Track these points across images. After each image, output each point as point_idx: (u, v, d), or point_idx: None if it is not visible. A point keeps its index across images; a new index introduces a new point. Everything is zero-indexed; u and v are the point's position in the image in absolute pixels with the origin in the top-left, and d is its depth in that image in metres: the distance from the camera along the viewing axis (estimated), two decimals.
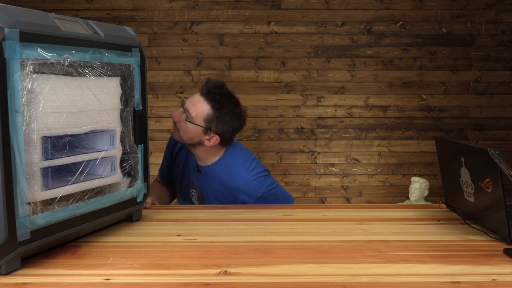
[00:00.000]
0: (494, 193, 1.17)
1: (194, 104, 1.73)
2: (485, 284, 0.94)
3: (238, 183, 1.75)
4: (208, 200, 1.82)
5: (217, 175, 1.78)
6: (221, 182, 1.77)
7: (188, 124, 1.72)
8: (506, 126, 3.84)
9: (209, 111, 1.70)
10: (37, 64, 1.00)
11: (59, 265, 1.05)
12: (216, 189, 1.79)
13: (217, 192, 1.79)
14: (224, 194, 1.78)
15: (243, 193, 1.74)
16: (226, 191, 1.77)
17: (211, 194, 1.80)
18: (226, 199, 1.77)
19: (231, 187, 1.76)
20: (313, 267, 1.02)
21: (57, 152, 1.09)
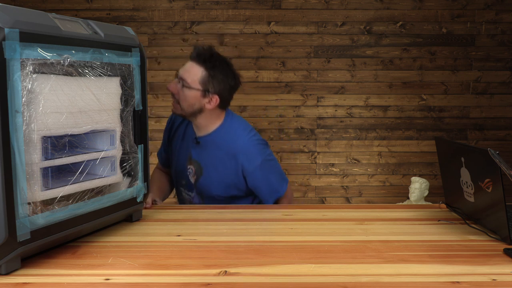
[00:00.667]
0: (494, 193, 1.17)
1: (187, 70, 1.75)
2: (485, 284, 0.94)
3: (239, 145, 1.77)
4: (207, 173, 1.81)
5: (218, 140, 1.80)
6: (222, 147, 1.79)
7: (186, 91, 1.73)
8: (506, 126, 3.84)
9: (203, 72, 1.72)
10: (37, 64, 1.00)
11: (59, 265, 1.05)
12: (216, 157, 1.79)
13: (217, 160, 1.79)
14: (224, 162, 1.78)
15: (244, 156, 1.75)
16: (227, 157, 1.78)
17: (210, 164, 1.80)
18: (226, 167, 1.78)
19: (232, 150, 1.77)
20: (313, 267, 1.02)
21: (57, 152, 1.09)
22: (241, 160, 1.76)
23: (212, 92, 1.74)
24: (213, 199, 1.83)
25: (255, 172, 1.76)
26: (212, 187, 1.81)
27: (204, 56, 1.74)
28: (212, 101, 1.75)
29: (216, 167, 1.80)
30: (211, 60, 1.74)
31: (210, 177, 1.80)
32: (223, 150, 1.79)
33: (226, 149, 1.78)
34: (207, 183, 1.81)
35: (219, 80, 1.74)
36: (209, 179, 1.81)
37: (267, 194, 1.80)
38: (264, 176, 1.78)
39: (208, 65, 1.73)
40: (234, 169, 1.78)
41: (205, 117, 1.79)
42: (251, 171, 1.76)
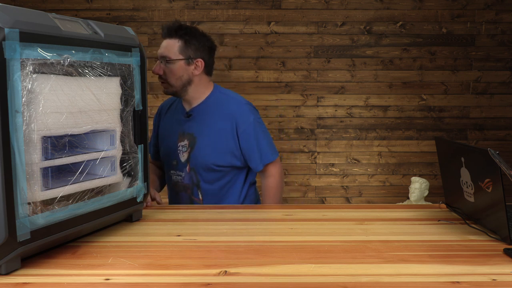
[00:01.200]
0: (494, 193, 1.17)
1: (164, 47, 1.82)
2: (485, 284, 0.94)
3: (233, 104, 1.86)
4: (201, 141, 1.83)
5: (211, 105, 1.86)
6: (216, 110, 1.85)
7: (170, 66, 1.80)
8: (506, 126, 3.84)
9: (179, 42, 1.80)
10: (37, 64, 1.00)
11: (59, 265, 1.05)
12: (210, 121, 1.84)
13: (211, 125, 1.83)
14: (218, 125, 1.83)
15: (238, 115, 1.83)
16: (221, 118, 1.83)
17: (204, 131, 1.84)
18: (220, 130, 1.82)
19: (226, 110, 1.84)
20: (313, 267, 1.02)
21: (57, 152, 1.09)
22: (235, 118, 1.82)
23: (194, 57, 1.81)
24: (207, 171, 1.84)
25: (248, 130, 1.82)
26: (207, 156, 1.83)
27: (174, 28, 1.82)
28: (198, 66, 1.82)
29: (211, 132, 1.84)
30: (181, 29, 1.82)
31: (205, 145, 1.83)
32: (217, 112, 1.84)
33: (220, 111, 1.84)
34: (201, 152, 1.83)
35: (196, 44, 1.82)
36: (203, 147, 1.83)
37: (257, 158, 1.84)
38: (255, 136, 1.83)
39: (180, 34, 1.81)
40: (229, 129, 1.82)
41: (195, 87, 1.85)
42: (244, 129, 1.82)
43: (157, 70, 1.83)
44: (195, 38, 1.82)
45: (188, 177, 1.87)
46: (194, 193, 1.87)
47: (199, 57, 1.82)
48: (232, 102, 1.87)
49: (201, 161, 1.83)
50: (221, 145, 1.82)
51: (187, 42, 1.80)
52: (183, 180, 1.89)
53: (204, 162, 1.83)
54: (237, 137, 1.83)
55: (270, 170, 1.88)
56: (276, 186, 1.88)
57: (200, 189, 1.86)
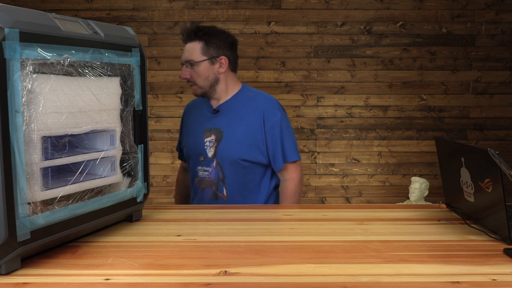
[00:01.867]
0: (494, 193, 1.17)
1: (187, 51, 1.86)
2: (485, 284, 0.94)
3: (262, 99, 1.91)
4: (228, 135, 1.85)
5: (240, 99, 1.91)
6: (244, 104, 1.88)
7: (195, 68, 1.85)
8: (506, 126, 3.84)
9: (199, 44, 1.84)
10: (37, 64, 1.00)
11: (59, 265, 1.05)
12: (238, 115, 1.87)
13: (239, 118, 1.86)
14: (246, 118, 1.86)
15: (267, 110, 1.86)
16: (249, 112, 1.86)
17: (232, 125, 1.86)
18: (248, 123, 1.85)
19: (255, 104, 1.89)
20: (313, 267, 1.02)
21: (57, 152, 1.09)
22: (263, 113, 1.85)
23: (217, 55, 1.85)
24: (234, 165, 1.85)
25: (275, 126, 1.85)
26: (234, 149, 1.84)
27: (193, 31, 1.85)
28: (222, 63, 1.86)
29: (238, 126, 1.86)
30: (200, 30, 1.85)
31: (232, 138, 1.85)
32: (245, 107, 1.88)
33: (248, 105, 1.88)
34: (228, 145, 1.85)
35: (216, 43, 1.85)
36: (230, 140, 1.85)
37: (280, 155, 1.85)
38: (281, 133, 1.86)
39: (199, 36, 1.84)
40: (256, 124, 1.85)
41: (223, 85, 1.89)
42: (271, 125, 1.85)
43: (184, 75, 1.87)
44: (214, 37, 1.85)
45: (214, 172, 1.88)
46: (219, 189, 1.88)
47: (222, 55, 1.86)
48: (261, 98, 1.92)
49: (227, 154, 1.85)
50: (248, 139, 1.84)
51: (208, 42, 1.84)
52: (210, 175, 1.89)
53: (231, 155, 1.84)
54: (264, 132, 1.85)
55: (290, 172, 1.88)
56: (294, 190, 1.88)
57: (225, 185, 1.86)
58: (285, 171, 1.88)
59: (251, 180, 1.88)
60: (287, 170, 1.88)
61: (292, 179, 1.88)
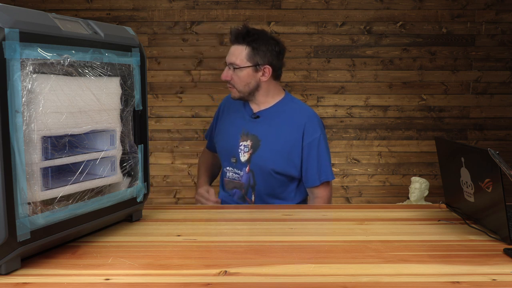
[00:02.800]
0: (494, 193, 1.17)
1: (232, 54, 1.83)
2: (485, 284, 0.94)
3: (304, 115, 1.86)
4: (265, 144, 1.83)
5: (281, 110, 1.87)
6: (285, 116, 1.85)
7: (238, 72, 1.81)
8: (506, 126, 3.84)
9: (247, 49, 1.80)
10: (37, 64, 1.00)
11: (59, 265, 1.05)
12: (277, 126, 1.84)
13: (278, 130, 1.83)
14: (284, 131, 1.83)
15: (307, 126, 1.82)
16: (289, 125, 1.83)
17: (269, 135, 1.83)
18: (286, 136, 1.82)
19: (296, 118, 1.85)
20: (313, 267, 1.02)
21: (57, 152, 1.09)
22: (303, 129, 1.82)
23: (262, 64, 1.82)
24: (266, 175, 1.83)
25: (313, 143, 1.82)
26: (268, 159, 1.82)
27: (242, 34, 1.81)
28: (266, 72, 1.83)
29: (275, 137, 1.83)
30: (249, 35, 1.81)
31: (268, 149, 1.83)
32: (285, 119, 1.84)
33: (289, 119, 1.84)
34: (264, 155, 1.82)
35: (264, 50, 1.81)
36: (266, 150, 1.83)
37: (315, 173, 1.82)
38: (319, 151, 1.82)
39: (248, 41, 1.80)
40: (295, 139, 1.82)
41: (264, 92, 1.87)
42: (309, 141, 1.81)
43: (225, 77, 1.84)
44: (263, 44, 1.81)
45: (246, 177, 1.86)
46: (248, 194, 1.87)
47: (267, 64, 1.82)
48: (303, 113, 1.87)
49: (261, 164, 1.82)
50: (284, 152, 1.81)
51: (255, 49, 1.80)
52: (240, 179, 1.87)
53: (265, 165, 1.82)
54: (301, 148, 1.82)
55: (321, 191, 1.85)
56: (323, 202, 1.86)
57: (254, 191, 1.85)
58: (316, 189, 1.85)
59: (281, 192, 1.86)
60: (318, 188, 1.85)
61: (322, 198, 1.86)
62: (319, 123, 1.87)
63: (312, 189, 1.86)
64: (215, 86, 3.74)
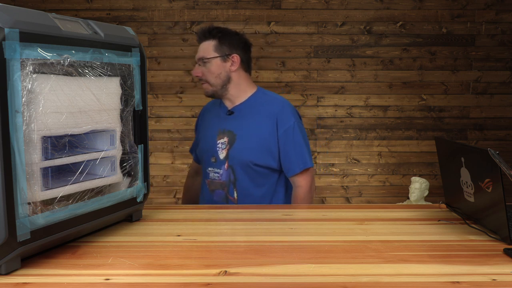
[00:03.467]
0: (494, 193, 1.17)
1: (200, 50, 1.88)
2: (485, 284, 0.94)
3: (276, 105, 1.89)
4: (241, 138, 1.85)
5: (254, 103, 1.91)
6: (259, 108, 1.88)
7: (208, 66, 1.86)
8: (506, 126, 3.84)
9: (213, 42, 1.86)
10: (37, 64, 1.00)
11: (59, 265, 1.05)
12: (252, 119, 1.86)
13: (253, 123, 1.86)
14: (259, 123, 1.85)
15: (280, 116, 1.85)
16: (263, 117, 1.86)
17: (245, 129, 1.86)
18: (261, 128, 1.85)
19: (269, 109, 1.87)
20: (313, 267, 1.02)
21: (57, 152, 1.09)
22: (277, 118, 1.84)
23: (229, 53, 1.85)
24: (245, 168, 1.84)
25: (289, 131, 1.83)
26: (245, 152, 1.84)
27: (206, 31, 1.87)
28: (234, 61, 1.86)
29: (251, 130, 1.85)
30: (213, 30, 1.87)
31: (244, 141, 1.85)
32: (259, 111, 1.87)
33: (262, 110, 1.87)
34: (240, 147, 1.85)
35: (230, 41, 1.86)
36: (242, 143, 1.85)
37: (294, 161, 1.84)
38: (295, 139, 1.84)
39: (213, 34, 1.86)
40: (270, 129, 1.84)
41: (235, 85, 1.89)
42: (284, 130, 1.83)
43: (195, 73, 1.88)
44: (228, 36, 1.87)
45: (226, 174, 1.87)
46: (230, 192, 1.87)
47: (234, 53, 1.86)
48: (276, 103, 1.90)
49: (239, 158, 1.84)
50: (260, 143, 1.84)
51: (221, 39, 1.85)
52: (220, 178, 1.89)
53: (242, 158, 1.84)
54: (276, 138, 1.84)
55: (301, 180, 1.86)
56: (303, 197, 1.85)
57: (236, 188, 1.86)
58: (296, 178, 1.86)
59: (263, 185, 1.87)
60: (299, 177, 1.85)
61: (304, 186, 1.85)
62: (293, 111, 1.89)
63: (293, 179, 1.87)
64: None
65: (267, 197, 1.88)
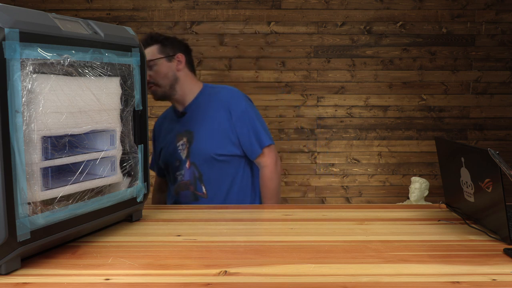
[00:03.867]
0: (494, 193, 1.17)
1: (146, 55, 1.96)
2: (485, 284, 0.94)
3: (226, 93, 1.94)
4: (198, 134, 1.88)
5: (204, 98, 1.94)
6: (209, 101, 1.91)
7: (154, 68, 1.89)
8: (506, 126, 3.84)
9: (156, 46, 1.92)
10: (37, 64, 1.00)
11: (59, 265, 1.05)
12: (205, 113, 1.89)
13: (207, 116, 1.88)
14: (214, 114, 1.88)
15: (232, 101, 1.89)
16: (214, 109, 1.88)
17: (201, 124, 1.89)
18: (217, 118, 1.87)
19: (220, 98, 1.90)
20: (313, 267, 1.02)
21: (57, 152, 1.09)
22: (228, 105, 1.88)
23: (173, 53, 1.90)
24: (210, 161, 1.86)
25: (243, 115, 1.87)
26: (206, 146, 1.86)
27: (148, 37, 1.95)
28: (180, 60, 1.91)
29: (207, 123, 1.88)
30: (154, 37, 1.95)
31: (203, 136, 1.87)
32: (210, 104, 1.90)
33: (213, 101, 1.90)
34: (200, 144, 1.87)
35: (171, 43, 1.93)
36: (202, 138, 1.87)
37: (254, 142, 1.87)
38: (251, 121, 1.87)
39: (155, 39, 1.93)
40: (224, 117, 1.87)
41: (183, 84, 1.92)
42: (238, 115, 1.87)
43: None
44: (169, 39, 1.94)
45: (188, 173, 1.89)
46: (197, 188, 1.88)
47: (178, 53, 1.91)
48: (224, 92, 1.94)
49: (201, 153, 1.86)
50: (219, 133, 1.86)
51: (163, 42, 1.91)
52: (183, 178, 1.90)
53: (205, 153, 1.86)
54: (232, 124, 1.87)
55: (265, 159, 1.89)
56: (270, 176, 1.89)
57: (203, 182, 1.87)
58: (260, 159, 1.89)
59: (229, 174, 1.89)
60: (262, 157, 1.89)
61: (269, 165, 1.89)
62: (242, 96, 1.93)
63: (257, 161, 1.90)
64: None
65: (236, 184, 1.90)
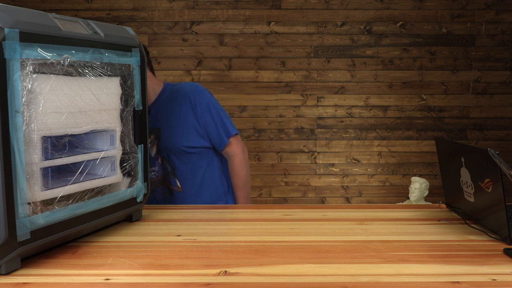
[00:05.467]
0: (494, 193, 1.17)
1: None
2: (485, 284, 0.94)
3: (188, 87, 1.95)
4: (165, 128, 1.89)
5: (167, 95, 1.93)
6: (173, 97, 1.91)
7: None
8: (506, 126, 3.84)
9: None
10: (37, 64, 1.00)
11: (59, 265, 1.05)
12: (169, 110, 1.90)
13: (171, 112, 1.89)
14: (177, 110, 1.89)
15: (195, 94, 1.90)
16: (177, 104, 1.89)
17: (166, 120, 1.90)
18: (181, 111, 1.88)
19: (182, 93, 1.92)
20: (313, 267, 1.02)
21: (57, 152, 1.09)
22: (191, 99, 1.89)
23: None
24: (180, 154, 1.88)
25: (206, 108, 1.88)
26: (175, 140, 1.87)
27: None
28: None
29: (173, 119, 1.89)
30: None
31: (170, 131, 1.89)
32: (174, 100, 1.91)
33: (176, 97, 1.91)
34: (169, 138, 1.88)
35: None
36: (169, 133, 1.88)
37: (221, 133, 1.89)
38: (215, 113, 1.89)
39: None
40: (188, 110, 1.88)
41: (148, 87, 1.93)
42: (202, 108, 1.88)
43: None
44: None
45: (161, 168, 1.91)
46: (172, 183, 1.90)
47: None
48: (185, 87, 1.95)
49: (170, 146, 1.88)
50: (185, 127, 1.88)
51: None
52: (157, 174, 1.92)
53: (174, 146, 1.87)
54: (197, 117, 1.88)
55: (232, 148, 1.91)
56: (239, 165, 1.91)
57: (177, 176, 1.89)
58: (228, 149, 1.91)
59: (201, 166, 1.90)
60: (229, 147, 1.91)
61: (237, 155, 1.91)
62: (203, 89, 1.94)
63: (225, 151, 1.92)
64: (215, 86, 3.74)
65: (209, 176, 1.92)
